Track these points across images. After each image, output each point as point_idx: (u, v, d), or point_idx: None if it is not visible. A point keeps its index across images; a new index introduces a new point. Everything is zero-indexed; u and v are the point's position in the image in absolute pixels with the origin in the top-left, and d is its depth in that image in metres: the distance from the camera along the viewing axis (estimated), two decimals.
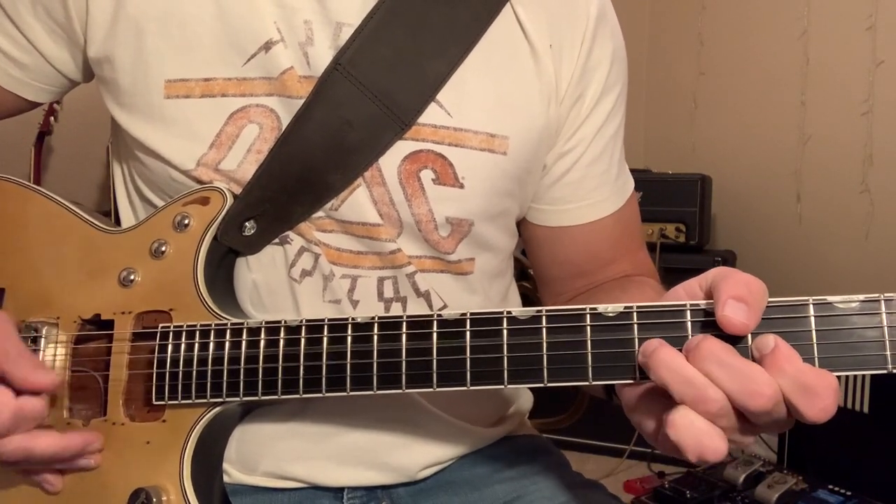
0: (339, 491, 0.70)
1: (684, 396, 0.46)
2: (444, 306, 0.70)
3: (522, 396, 0.84)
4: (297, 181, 0.64)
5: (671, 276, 0.74)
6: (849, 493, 1.81)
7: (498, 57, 0.68)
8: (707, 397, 0.45)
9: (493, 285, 0.75)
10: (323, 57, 0.64)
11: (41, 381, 0.56)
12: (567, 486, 0.75)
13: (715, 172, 2.39)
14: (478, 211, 0.68)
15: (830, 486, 1.84)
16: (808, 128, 2.33)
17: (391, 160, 0.65)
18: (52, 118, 1.97)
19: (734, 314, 0.46)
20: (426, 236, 0.67)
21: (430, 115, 0.65)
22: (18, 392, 0.56)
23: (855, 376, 1.84)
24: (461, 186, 0.67)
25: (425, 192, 0.66)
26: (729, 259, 2.26)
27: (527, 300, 0.86)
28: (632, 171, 0.81)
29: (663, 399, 0.49)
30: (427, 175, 0.66)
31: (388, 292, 0.68)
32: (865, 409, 1.82)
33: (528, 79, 0.69)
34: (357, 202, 0.65)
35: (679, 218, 2.26)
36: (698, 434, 0.45)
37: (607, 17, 0.74)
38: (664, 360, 0.47)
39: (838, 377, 0.46)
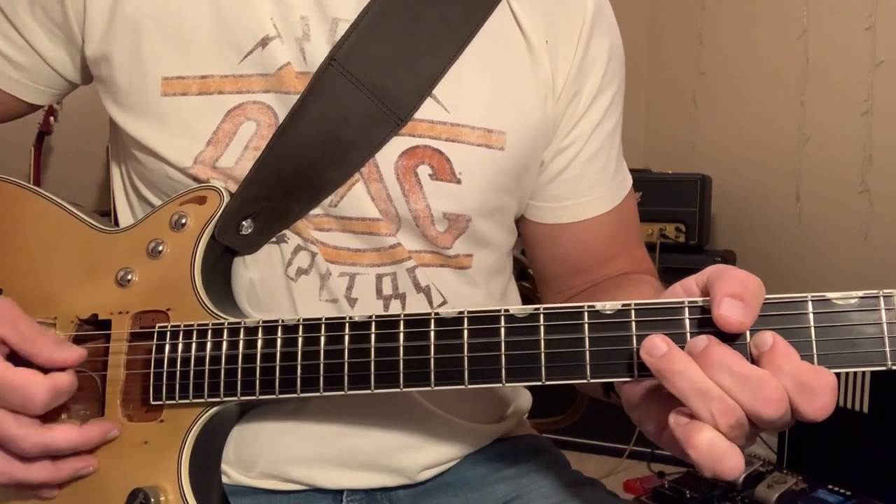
0: (338, 493, 0.70)
1: (700, 410, 0.45)
2: (444, 302, 0.70)
3: (522, 396, 0.84)
4: (292, 177, 0.63)
5: (671, 276, 0.74)
6: (849, 493, 1.82)
7: (494, 52, 0.68)
8: (725, 410, 0.45)
9: (492, 281, 0.75)
10: (319, 53, 0.64)
11: (67, 357, 0.58)
12: (566, 484, 0.75)
13: (715, 172, 2.39)
14: (475, 206, 0.68)
15: (830, 486, 1.84)
16: (808, 128, 2.33)
17: (388, 156, 0.65)
18: (52, 118, 1.97)
19: (730, 312, 0.46)
20: (424, 231, 0.67)
21: (427, 110, 0.65)
22: (45, 371, 0.57)
23: (855, 376, 1.84)
24: (458, 182, 0.67)
25: (422, 187, 0.66)
26: (729, 259, 2.26)
27: (526, 300, 0.86)
28: (631, 170, 0.81)
29: (665, 397, 0.49)
30: (424, 171, 0.66)
31: (387, 289, 0.67)
32: (865, 409, 1.83)
33: (525, 74, 0.69)
34: (356, 198, 0.65)
35: (679, 218, 2.26)
36: (719, 456, 0.45)
37: (604, 14, 0.74)
38: (678, 369, 0.46)
39: (837, 375, 0.46)
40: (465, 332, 0.54)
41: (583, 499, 0.72)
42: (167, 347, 0.60)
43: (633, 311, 0.51)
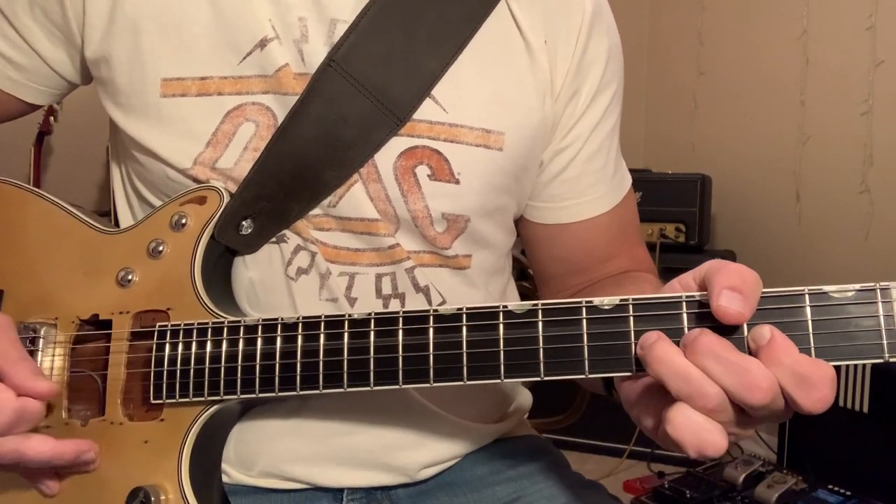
0: (338, 492, 0.70)
1: (680, 392, 0.46)
2: (444, 302, 0.70)
3: (522, 394, 0.84)
4: (292, 178, 0.64)
5: (671, 276, 0.74)
6: (849, 493, 1.82)
7: (493, 53, 0.68)
8: (703, 393, 0.45)
9: (491, 281, 0.75)
10: (318, 54, 0.64)
11: (39, 389, 0.56)
12: (567, 487, 0.75)
13: (715, 172, 2.40)
14: (474, 207, 0.68)
15: (830, 486, 1.84)
16: (808, 128, 2.33)
17: (387, 156, 0.65)
18: (52, 118, 1.97)
19: (729, 303, 0.46)
20: (423, 232, 0.67)
21: (426, 111, 0.65)
22: (18, 394, 0.56)
23: (855, 376, 1.84)
24: (457, 182, 0.67)
25: (421, 188, 0.66)
26: (728, 259, 2.26)
27: (526, 300, 0.86)
28: (631, 170, 0.81)
29: (662, 394, 0.49)
30: (423, 171, 0.66)
31: (387, 289, 0.68)
32: (865, 409, 1.83)
33: (523, 75, 0.69)
34: (354, 198, 0.65)
35: (679, 218, 2.26)
36: (697, 430, 0.45)
37: (603, 14, 0.74)
38: (660, 355, 0.47)
39: (836, 369, 0.46)
40: (464, 329, 0.54)
41: (583, 502, 0.73)
42: (167, 347, 0.60)
43: (630, 307, 0.51)
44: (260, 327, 0.58)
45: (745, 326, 0.48)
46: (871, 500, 1.79)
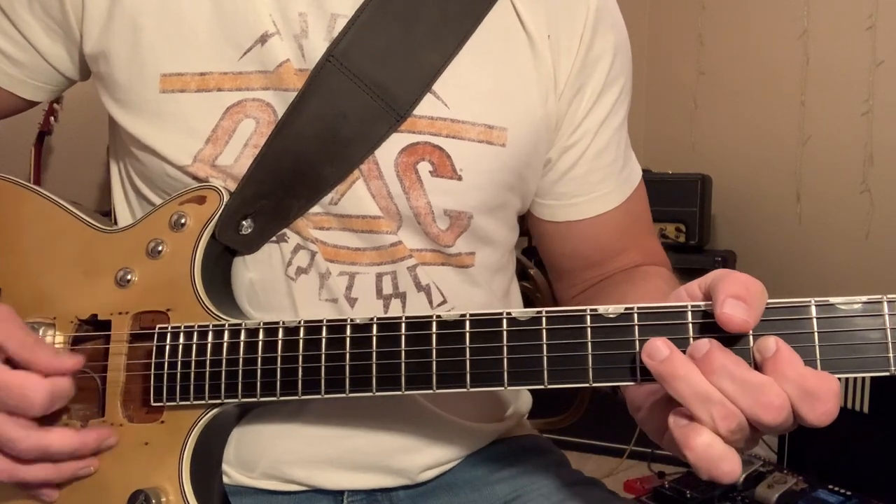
0: (339, 494, 0.70)
1: (701, 414, 0.46)
2: (444, 301, 0.69)
3: (521, 397, 0.84)
4: (292, 175, 0.63)
5: None
6: (849, 493, 1.82)
7: (495, 47, 0.67)
8: (724, 415, 0.45)
9: (494, 279, 0.75)
10: (318, 49, 0.63)
11: (66, 363, 0.57)
12: (566, 484, 0.74)
13: (715, 172, 2.40)
14: (476, 203, 0.68)
15: (830, 486, 1.85)
16: (808, 128, 2.34)
17: (388, 153, 0.65)
18: (52, 118, 1.97)
19: (734, 311, 0.46)
20: (425, 229, 0.67)
21: (427, 106, 0.65)
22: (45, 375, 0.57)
23: (855, 377, 1.84)
24: (459, 178, 0.66)
25: (423, 184, 0.65)
26: (729, 259, 2.26)
27: (526, 300, 0.86)
28: None
29: (668, 399, 0.48)
30: (424, 167, 0.65)
31: (387, 288, 0.67)
32: (865, 409, 1.83)
33: (526, 70, 0.68)
34: (356, 195, 0.65)
35: (679, 218, 2.26)
36: (716, 459, 0.45)
37: (609, 9, 0.73)
38: (680, 373, 0.46)
39: (839, 378, 0.46)
40: (467, 335, 0.53)
41: (583, 498, 0.72)
42: (167, 348, 0.60)
43: (635, 315, 0.50)
44: (261, 331, 0.58)
45: (751, 337, 0.48)
46: (871, 500, 1.79)
